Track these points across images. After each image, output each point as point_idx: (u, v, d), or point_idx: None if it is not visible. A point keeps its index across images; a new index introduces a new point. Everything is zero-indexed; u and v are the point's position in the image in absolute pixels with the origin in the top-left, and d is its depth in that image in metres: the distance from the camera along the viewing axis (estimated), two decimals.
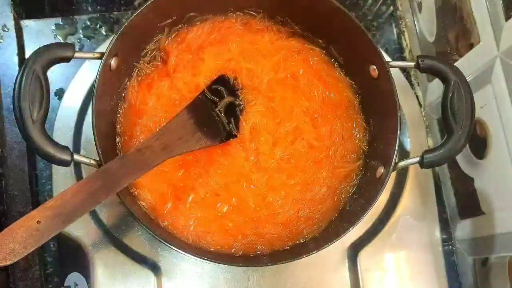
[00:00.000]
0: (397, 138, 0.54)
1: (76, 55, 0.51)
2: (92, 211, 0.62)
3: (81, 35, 0.73)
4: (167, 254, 0.63)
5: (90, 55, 0.53)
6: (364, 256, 0.65)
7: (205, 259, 0.53)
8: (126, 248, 0.62)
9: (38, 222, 0.41)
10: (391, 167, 0.53)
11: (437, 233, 0.67)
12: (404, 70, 0.74)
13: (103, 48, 0.54)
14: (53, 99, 0.50)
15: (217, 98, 0.60)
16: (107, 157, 0.51)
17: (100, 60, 0.52)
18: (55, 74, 0.68)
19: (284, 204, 0.59)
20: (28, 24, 0.71)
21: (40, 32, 0.72)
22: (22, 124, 0.48)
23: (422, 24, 0.74)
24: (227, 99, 0.60)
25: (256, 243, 0.58)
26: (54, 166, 0.65)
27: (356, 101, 0.63)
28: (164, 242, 0.51)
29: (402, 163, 0.54)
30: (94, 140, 0.51)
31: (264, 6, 0.62)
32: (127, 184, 0.49)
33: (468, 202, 0.66)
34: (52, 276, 0.65)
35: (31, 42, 0.70)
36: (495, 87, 0.57)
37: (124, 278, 0.62)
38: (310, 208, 0.59)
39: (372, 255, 0.65)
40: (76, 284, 0.62)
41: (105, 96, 0.55)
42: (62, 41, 0.71)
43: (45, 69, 0.49)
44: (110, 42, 0.53)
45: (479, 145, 0.62)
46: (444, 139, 0.53)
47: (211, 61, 0.61)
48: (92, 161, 0.51)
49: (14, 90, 0.48)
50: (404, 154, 0.69)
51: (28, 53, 0.70)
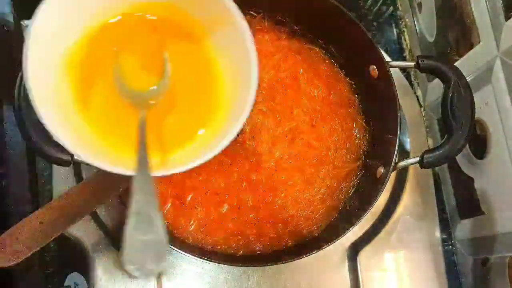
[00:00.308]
0: (397, 138, 0.54)
1: None
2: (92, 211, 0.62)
3: None
4: (167, 254, 0.62)
5: None
6: (364, 256, 0.65)
7: (205, 259, 0.53)
8: None
9: (41, 222, 0.41)
10: (391, 167, 0.53)
11: (437, 233, 0.67)
12: (404, 70, 0.74)
13: None
14: None
15: None
16: None
17: None
18: None
19: (283, 204, 0.59)
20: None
21: None
22: (22, 124, 0.48)
23: (422, 24, 0.74)
24: None
25: (256, 243, 0.58)
26: (54, 167, 0.65)
27: (356, 101, 0.63)
28: None
29: (402, 163, 0.54)
30: None
31: (264, 6, 0.62)
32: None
33: (468, 202, 0.66)
34: (52, 276, 0.65)
35: None
36: (495, 87, 0.57)
37: (124, 278, 0.62)
38: (310, 208, 0.59)
39: (372, 255, 0.65)
40: (76, 284, 0.62)
41: None
42: None
43: None
44: None
45: (479, 145, 0.62)
46: (444, 139, 0.53)
47: None
48: None
49: (14, 90, 0.48)
50: (404, 154, 0.69)
51: None
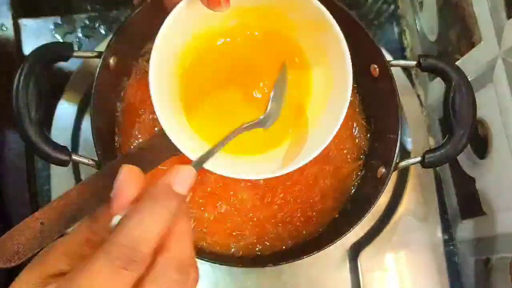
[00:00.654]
0: (398, 138, 0.53)
1: (75, 54, 0.51)
2: None
3: (80, 34, 0.72)
4: None
5: (89, 54, 0.52)
6: (365, 256, 0.64)
7: (204, 260, 0.52)
8: None
9: (42, 223, 0.40)
10: (392, 167, 0.53)
11: (439, 234, 0.67)
12: (405, 69, 0.74)
13: (102, 47, 0.54)
14: (51, 98, 0.50)
15: None
16: (106, 157, 0.51)
17: (99, 59, 0.52)
18: (54, 73, 0.67)
19: (283, 204, 0.58)
20: (27, 23, 0.71)
21: (38, 31, 0.71)
22: (20, 123, 0.47)
23: (423, 23, 0.73)
24: None
25: (256, 244, 0.57)
26: (52, 166, 0.65)
27: (356, 101, 0.63)
28: None
29: (403, 163, 0.53)
30: (93, 139, 0.50)
31: None
32: None
33: (470, 203, 0.66)
34: None
35: (30, 41, 0.70)
36: (496, 86, 0.57)
37: None
38: (310, 208, 0.59)
39: (373, 256, 0.65)
40: None
41: (104, 96, 0.54)
42: (61, 40, 0.71)
43: (43, 68, 0.49)
44: (109, 41, 0.52)
45: (480, 144, 0.61)
46: (445, 138, 0.53)
47: None
48: (90, 161, 0.50)
49: (12, 90, 0.47)
50: (405, 154, 0.69)
51: (26, 52, 0.70)
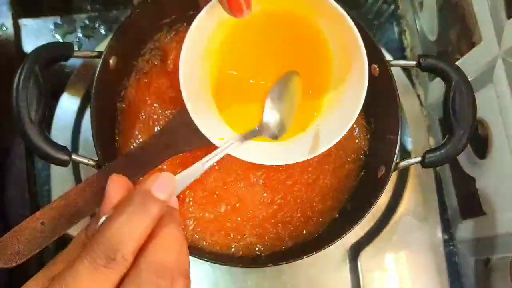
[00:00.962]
0: (398, 138, 0.53)
1: (75, 54, 0.51)
2: None
3: (80, 34, 0.72)
4: None
5: (89, 54, 0.52)
6: (365, 256, 0.64)
7: (204, 260, 0.52)
8: None
9: (42, 223, 0.40)
10: (392, 167, 0.53)
11: (439, 234, 0.67)
12: (405, 69, 0.74)
13: (102, 47, 0.54)
14: (51, 98, 0.50)
15: None
16: (106, 157, 0.51)
17: (99, 59, 0.51)
18: (54, 73, 0.67)
19: (283, 204, 0.58)
20: (27, 23, 0.71)
21: (38, 31, 0.71)
22: (20, 123, 0.47)
23: (423, 23, 0.73)
24: None
25: (256, 244, 0.57)
26: (52, 167, 0.65)
27: None
28: None
29: (403, 163, 0.53)
30: (93, 139, 0.50)
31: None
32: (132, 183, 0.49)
33: (470, 203, 0.66)
34: None
35: (30, 41, 0.70)
36: (496, 86, 0.57)
37: None
38: (310, 208, 0.59)
39: (373, 256, 0.65)
40: None
41: (104, 95, 0.54)
42: (61, 40, 0.71)
43: (43, 68, 0.49)
44: (109, 41, 0.52)
45: (480, 144, 0.61)
46: (445, 138, 0.52)
47: None
48: (90, 161, 0.50)
49: (12, 90, 0.47)
50: (405, 154, 0.69)
51: (26, 52, 0.70)
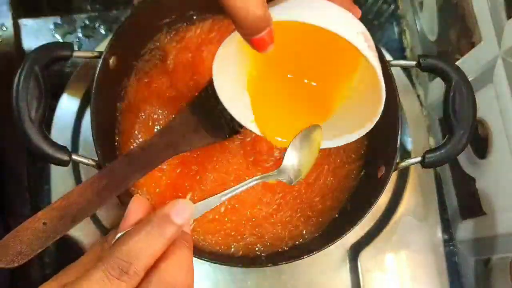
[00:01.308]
0: (398, 138, 0.53)
1: (75, 54, 0.51)
2: None
3: (80, 34, 0.72)
4: None
5: (89, 54, 0.53)
6: (365, 256, 0.64)
7: (204, 260, 0.52)
8: None
9: (44, 223, 0.40)
10: (392, 167, 0.53)
11: (439, 234, 0.67)
12: (405, 69, 0.74)
13: (102, 47, 0.54)
14: (51, 98, 0.50)
15: None
16: (106, 157, 0.51)
17: (99, 59, 0.52)
18: (54, 73, 0.67)
19: (282, 204, 0.58)
20: (27, 23, 0.71)
21: (38, 31, 0.71)
22: (20, 124, 0.47)
23: (423, 23, 0.73)
24: None
25: (256, 244, 0.57)
26: (52, 167, 0.65)
27: None
28: None
29: (403, 163, 0.53)
30: (93, 139, 0.50)
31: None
32: (133, 183, 0.48)
33: (470, 203, 0.66)
34: (51, 277, 0.64)
35: (30, 41, 0.70)
36: (496, 86, 0.57)
37: None
38: (310, 208, 0.59)
39: (373, 256, 0.65)
40: None
41: (104, 95, 0.54)
42: (61, 40, 0.71)
43: (43, 68, 0.49)
44: (109, 41, 0.52)
45: (480, 144, 0.61)
46: (445, 138, 0.53)
47: (210, 59, 0.61)
48: (90, 161, 0.50)
49: (12, 90, 0.47)
50: (405, 154, 0.69)
51: (26, 52, 0.70)
